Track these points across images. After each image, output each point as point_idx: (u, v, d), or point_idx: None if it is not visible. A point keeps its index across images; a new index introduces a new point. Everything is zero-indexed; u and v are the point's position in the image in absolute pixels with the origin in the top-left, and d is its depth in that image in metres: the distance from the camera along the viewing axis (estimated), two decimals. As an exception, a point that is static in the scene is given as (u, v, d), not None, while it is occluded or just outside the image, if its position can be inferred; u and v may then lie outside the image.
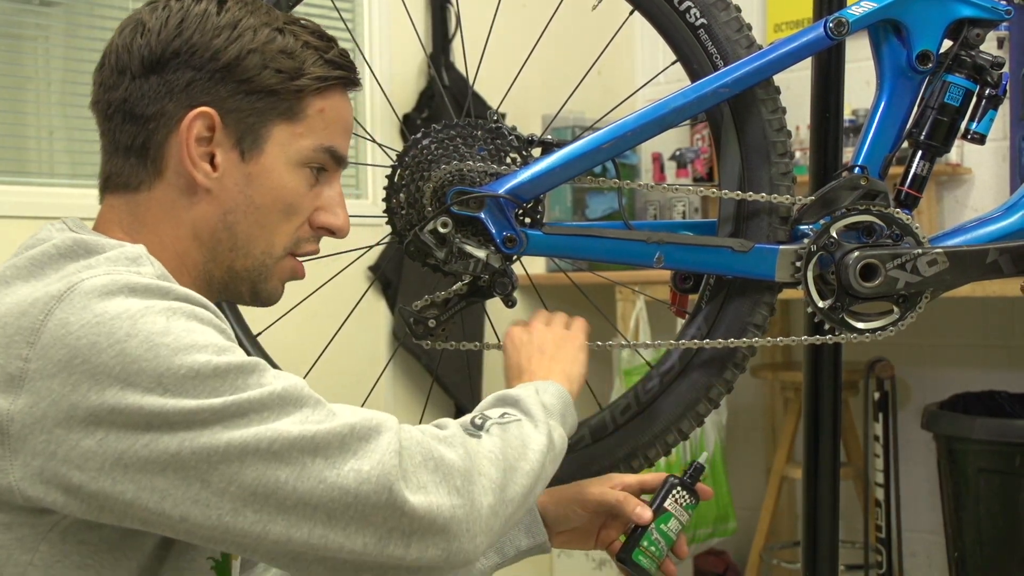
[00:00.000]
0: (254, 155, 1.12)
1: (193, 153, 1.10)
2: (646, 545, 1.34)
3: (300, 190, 1.15)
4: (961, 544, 2.71)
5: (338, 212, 1.18)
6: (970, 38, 1.39)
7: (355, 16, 3.13)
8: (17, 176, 2.57)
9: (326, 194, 1.18)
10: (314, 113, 1.14)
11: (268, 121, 1.12)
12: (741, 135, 1.42)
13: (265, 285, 1.17)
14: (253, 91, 1.11)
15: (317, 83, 1.13)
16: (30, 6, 2.63)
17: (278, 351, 1.52)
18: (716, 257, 1.40)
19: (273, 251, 1.16)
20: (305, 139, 1.14)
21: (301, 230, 1.17)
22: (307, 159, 1.15)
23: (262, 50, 1.11)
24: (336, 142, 1.17)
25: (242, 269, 1.15)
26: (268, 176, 1.13)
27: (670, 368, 1.46)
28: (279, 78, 1.11)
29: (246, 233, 1.14)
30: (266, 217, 1.14)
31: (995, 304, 3.14)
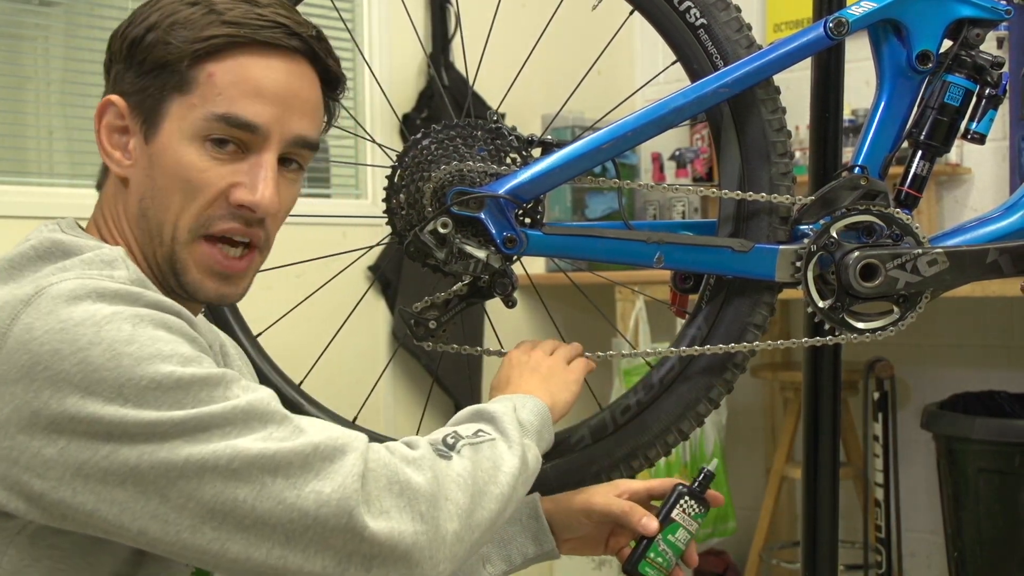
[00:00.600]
0: (153, 134, 1.07)
1: (104, 143, 1.09)
2: (652, 556, 1.32)
3: (199, 165, 1.06)
4: (961, 544, 2.71)
5: (256, 186, 1.07)
6: (970, 38, 1.39)
7: (355, 16, 3.13)
8: (16, 176, 2.57)
9: (242, 168, 1.08)
10: (204, 79, 1.06)
11: (164, 97, 1.07)
12: (741, 135, 1.41)
13: (185, 276, 1.10)
14: (149, 69, 1.06)
15: (199, 44, 1.05)
16: (30, 6, 2.63)
17: (278, 351, 1.52)
18: (716, 257, 1.40)
19: (179, 235, 1.08)
20: (197, 109, 1.06)
21: (212, 208, 1.08)
22: (201, 130, 1.06)
23: (162, 24, 1.06)
24: (235, 108, 1.06)
25: (162, 259, 1.09)
26: (164, 154, 1.07)
27: (670, 368, 1.46)
28: (167, 50, 1.05)
29: (156, 218, 1.08)
30: (168, 198, 1.07)
31: (995, 304, 3.14)
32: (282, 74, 1.09)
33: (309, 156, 1.16)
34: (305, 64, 1.12)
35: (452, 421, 1.16)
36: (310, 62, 1.13)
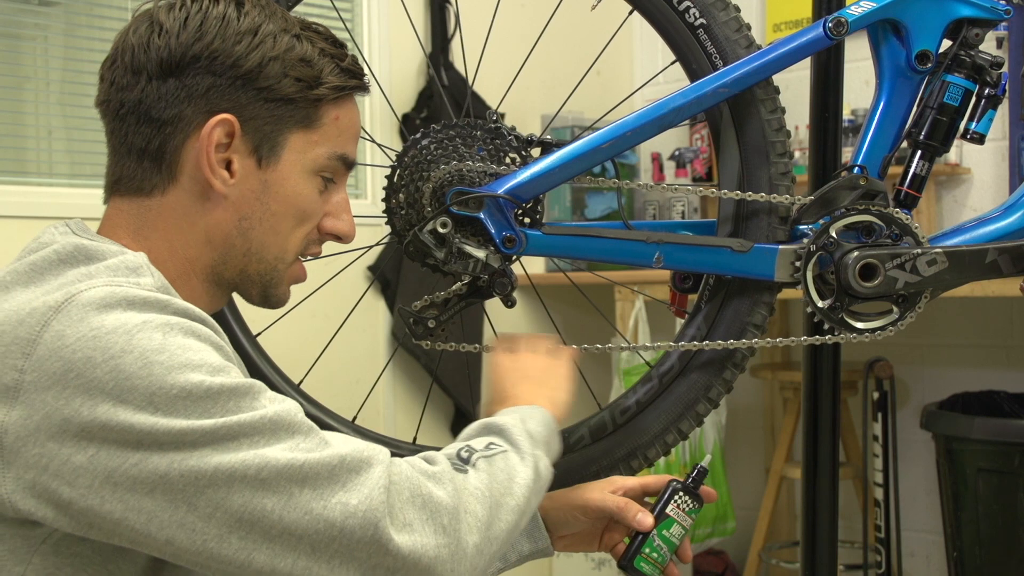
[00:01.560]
0: (271, 162, 1.13)
1: (212, 160, 1.10)
2: (648, 552, 1.33)
3: (313, 197, 1.16)
4: (960, 544, 2.71)
5: (344, 218, 1.20)
6: (969, 38, 1.39)
7: (354, 16, 3.13)
8: (16, 176, 2.57)
9: (334, 199, 1.19)
10: (330, 121, 1.15)
11: (285, 129, 1.13)
12: (740, 135, 1.42)
13: (276, 289, 1.18)
14: (272, 99, 1.11)
15: (334, 92, 1.14)
16: (29, 6, 2.63)
17: (278, 351, 1.52)
18: (715, 257, 1.40)
19: (286, 256, 1.17)
20: (320, 147, 1.15)
21: (311, 235, 1.18)
22: (321, 167, 1.15)
23: (283, 58, 1.11)
24: (348, 149, 1.18)
25: (255, 273, 1.16)
26: (284, 183, 1.13)
27: (669, 368, 1.46)
28: (298, 86, 1.12)
29: (260, 239, 1.14)
30: (280, 223, 1.15)
31: (994, 304, 3.14)
32: (360, 116, 1.22)
33: None
34: None
35: (462, 436, 1.18)
36: None
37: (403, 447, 1.49)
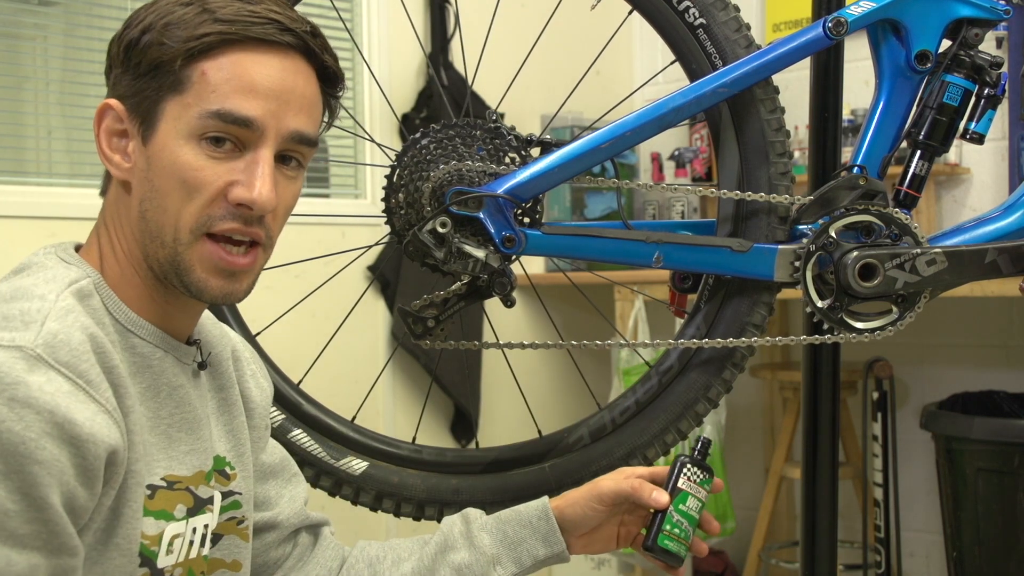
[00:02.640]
0: (150, 136, 1.07)
1: (104, 148, 1.08)
2: (669, 529, 1.32)
3: (195, 164, 1.05)
4: (959, 544, 2.71)
5: (253, 183, 1.06)
6: (969, 38, 1.39)
7: (354, 16, 3.13)
8: (16, 176, 2.57)
9: (239, 166, 1.07)
10: (197, 78, 1.05)
11: (160, 98, 1.06)
12: (740, 135, 1.42)
13: (189, 276, 1.07)
14: (144, 71, 1.06)
15: (192, 43, 1.04)
16: (28, 6, 2.63)
17: (278, 351, 1.52)
18: (715, 257, 1.40)
19: (180, 236, 1.06)
20: (192, 108, 1.05)
21: (212, 208, 1.06)
22: (196, 129, 1.05)
23: (156, 25, 1.06)
24: (228, 104, 1.05)
25: (163, 260, 1.07)
26: (161, 154, 1.06)
27: (669, 368, 1.46)
28: (161, 50, 1.05)
29: (156, 220, 1.07)
30: (166, 199, 1.06)
31: (994, 304, 3.14)
32: (276, 70, 1.08)
33: (309, 153, 1.14)
34: (300, 60, 1.10)
35: None
36: (306, 58, 1.11)
37: (402, 447, 1.49)
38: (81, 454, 0.95)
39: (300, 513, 1.36)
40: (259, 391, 1.30)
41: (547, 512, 1.34)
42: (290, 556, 1.37)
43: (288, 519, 1.35)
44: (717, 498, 3.13)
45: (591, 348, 1.45)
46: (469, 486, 1.46)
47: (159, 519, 1.08)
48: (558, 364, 3.48)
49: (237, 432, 1.24)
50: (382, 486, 1.46)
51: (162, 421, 1.10)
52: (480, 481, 1.46)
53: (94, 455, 0.96)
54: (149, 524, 1.07)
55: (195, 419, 1.15)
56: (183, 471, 1.12)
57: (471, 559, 1.32)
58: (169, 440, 1.11)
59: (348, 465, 1.45)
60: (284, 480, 1.36)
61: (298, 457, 1.44)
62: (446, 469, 1.47)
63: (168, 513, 1.09)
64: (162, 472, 1.09)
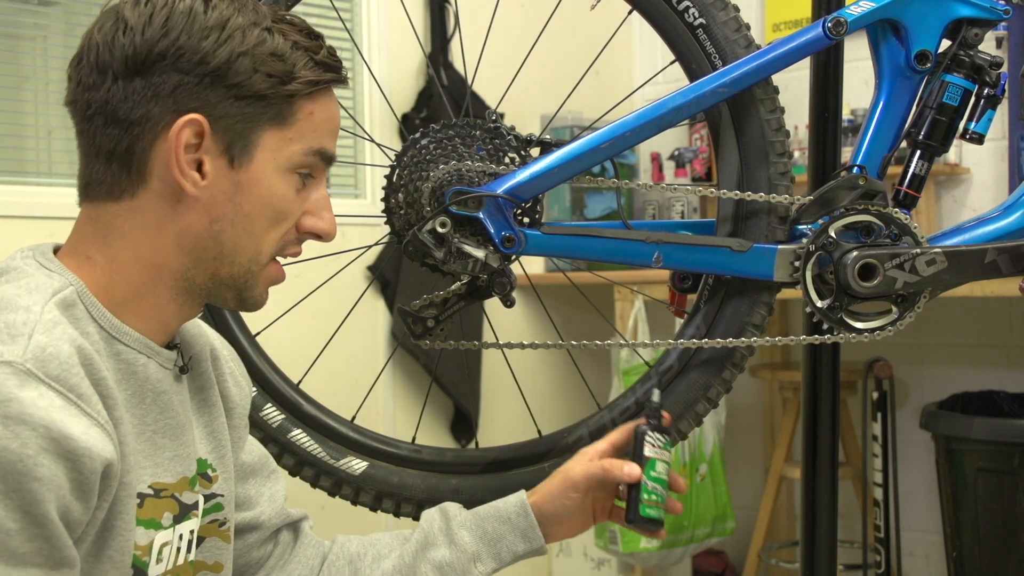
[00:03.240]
0: (244, 162, 1.08)
1: (182, 162, 1.05)
2: (647, 498, 1.35)
3: (289, 196, 1.11)
4: (959, 544, 2.71)
5: (325, 216, 1.15)
6: (968, 38, 1.39)
7: (353, 16, 3.13)
8: (15, 176, 2.57)
9: (313, 197, 1.14)
10: (304, 117, 1.10)
11: (258, 127, 1.08)
12: (740, 135, 1.42)
13: (251, 292, 1.13)
14: (243, 96, 1.06)
15: (308, 87, 1.09)
16: (28, 6, 2.63)
17: (277, 351, 1.52)
18: (715, 257, 1.40)
19: (260, 259, 1.11)
20: (295, 144, 1.10)
21: (288, 235, 1.13)
22: (297, 164, 1.11)
23: (252, 53, 1.06)
24: (325, 144, 1.13)
25: (227, 276, 1.11)
26: (258, 184, 1.09)
27: (669, 368, 1.46)
28: (269, 83, 1.07)
29: (233, 241, 1.09)
30: (254, 225, 1.10)
31: (993, 304, 3.14)
32: (339, 109, 1.16)
33: None
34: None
35: None
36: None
37: (402, 447, 1.49)
38: (77, 468, 0.95)
39: (281, 512, 1.36)
40: (238, 390, 1.29)
41: (525, 508, 1.36)
42: (272, 555, 1.37)
43: (270, 519, 1.35)
44: (717, 498, 3.13)
45: (591, 348, 1.45)
46: (469, 486, 1.46)
47: (148, 528, 1.08)
48: (558, 364, 3.48)
49: (218, 433, 1.23)
50: (382, 486, 1.46)
51: (147, 428, 1.09)
52: (480, 481, 1.46)
53: (90, 469, 0.96)
54: (140, 534, 1.06)
55: (178, 424, 1.13)
56: (168, 478, 1.11)
57: (452, 557, 1.34)
58: (154, 447, 1.10)
59: (348, 465, 1.45)
60: (263, 478, 1.36)
61: (298, 457, 1.44)
62: (446, 469, 1.47)
63: (156, 522, 1.09)
64: (149, 480, 1.08)
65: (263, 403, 1.44)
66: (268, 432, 1.44)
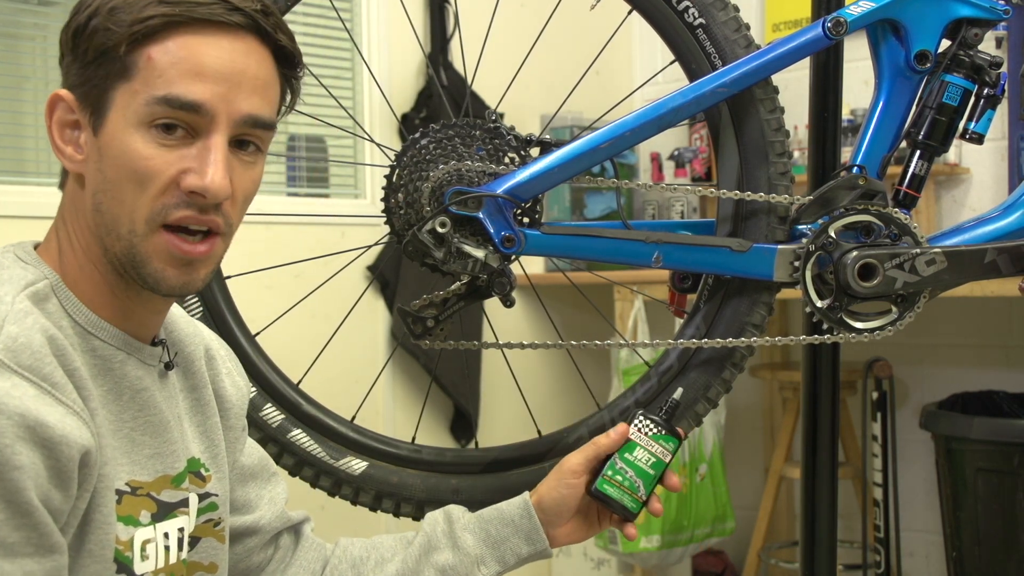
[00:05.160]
0: (100, 126, 1.03)
1: (55, 139, 1.05)
2: (610, 475, 1.34)
3: (145, 153, 1.01)
4: (959, 543, 2.71)
5: (205, 171, 1.02)
6: (968, 38, 1.39)
7: (353, 16, 3.13)
8: (15, 176, 2.57)
9: (191, 152, 1.03)
10: (143, 63, 1.01)
11: (108, 86, 1.02)
12: (739, 135, 1.42)
13: (146, 268, 1.04)
14: (92, 58, 1.02)
15: (136, 26, 1.01)
16: (28, 6, 2.63)
17: (277, 351, 1.52)
18: (714, 257, 1.40)
19: (136, 227, 1.03)
20: (139, 95, 1.01)
21: (165, 197, 1.03)
22: (144, 116, 1.01)
23: (101, 11, 1.02)
24: (173, 89, 1.01)
25: (121, 253, 1.04)
26: (111, 144, 1.02)
27: (668, 368, 1.46)
28: (107, 36, 1.01)
29: (111, 212, 1.03)
30: (120, 190, 1.02)
31: (993, 304, 3.14)
32: (225, 52, 1.04)
33: (267, 137, 1.10)
34: (253, 40, 1.06)
35: None
36: (259, 39, 1.07)
37: (402, 447, 1.49)
38: (55, 456, 0.94)
39: (281, 515, 1.36)
40: (235, 390, 1.28)
41: (529, 510, 1.35)
42: (272, 560, 1.36)
43: (270, 523, 1.34)
44: (717, 498, 3.13)
45: (591, 348, 1.45)
46: (469, 486, 1.46)
47: (128, 524, 1.07)
48: (558, 364, 3.48)
49: (211, 433, 1.22)
50: (381, 486, 1.46)
51: (124, 425, 1.08)
52: (480, 481, 1.46)
53: (67, 457, 0.95)
54: (120, 529, 1.05)
55: (161, 422, 1.12)
56: (145, 476, 1.10)
57: (455, 560, 1.33)
58: (132, 444, 1.09)
59: (347, 465, 1.45)
60: (263, 481, 1.35)
61: (297, 457, 1.44)
62: (446, 469, 1.47)
63: (135, 519, 1.08)
64: (126, 477, 1.07)
65: (263, 403, 1.44)
66: (268, 432, 1.43)
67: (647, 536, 3.00)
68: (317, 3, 2.76)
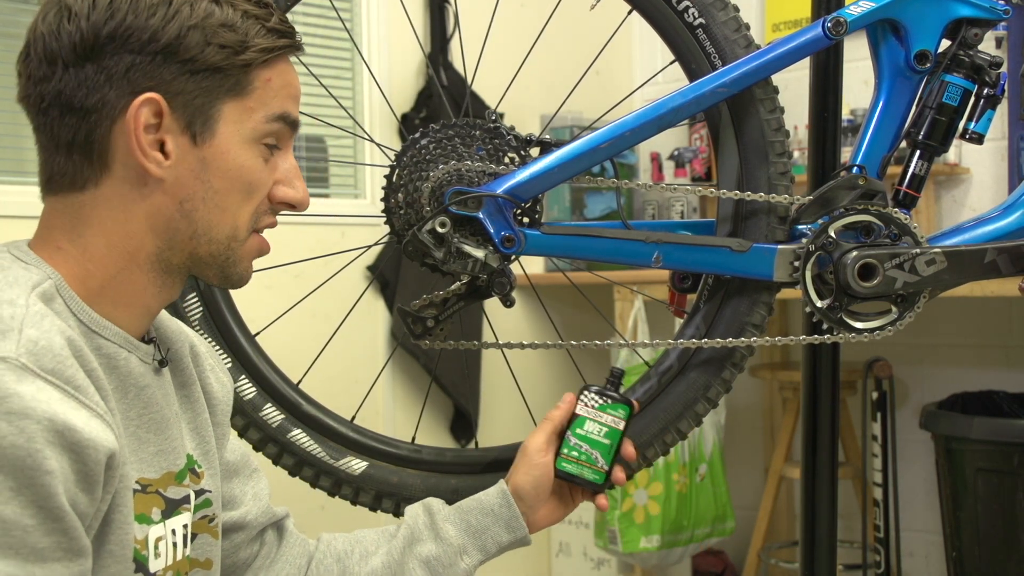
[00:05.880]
0: (206, 137, 1.06)
1: (143, 143, 1.04)
2: (566, 452, 1.37)
3: (257, 167, 1.09)
4: (959, 543, 2.71)
5: (296, 184, 1.13)
6: (968, 38, 1.39)
7: (353, 16, 3.13)
8: (16, 176, 2.57)
9: (283, 167, 1.13)
10: (262, 85, 1.08)
11: (217, 100, 1.06)
12: (739, 135, 1.42)
13: (235, 268, 1.12)
14: (198, 70, 1.05)
15: (263, 55, 1.07)
16: (28, 6, 2.63)
17: (277, 350, 1.52)
18: (714, 257, 1.40)
19: (238, 234, 1.10)
20: (257, 113, 1.08)
21: (261, 207, 1.12)
22: (261, 133, 1.09)
23: (202, 26, 1.04)
24: (287, 109, 1.11)
25: (206, 255, 1.10)
26: (224, 158, 1.07)
27: (668, 368, 1.46)
28: (223, 54, 1.05)
29: (206, 219, 1.08)
30: (226, 200, 1.08)
31: (993, 304, 3.14)
32: (296, 75, 1.14)
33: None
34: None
35: None
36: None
37: (402, 447, 1.49)
38: (82, 460, 0.94)
39: (267, 511, 1.37)
40: (219, 386, 1.29)
41: (507, 498, 1.37)
42: (258, 556, 1.37)
43: (256, 518, 1.35)
44: (717, 498, 3.13)
45: (591, 348, 1.45)
46: (469, 486, 1.46)
47: (142, 523, 1.07)
48: (558, 364, 3.48)
49: (202, 430, 1.23)
50: (381, 486, 1.46)
51: (131, 423, 1.09)
52: (480, 481, 1.46)
53: (95, 460, 0.95)
54: (136, 528, 1.06)
55: (162, 419, 1.13)
56: (152, 474, 1.10)
57: (439, 551, 1.35)
58: (138, 442, 1.09)
59: (347, 465, 1.45)
60: (246, 476, 1.36)
61: (297, 457, 1.44)
62: (445, 469, 1.47)
63: (147, 516, 1.08)
64: (136, 475, 1.08)
65: (263, 403, 1.44)
66: (268, 432, 1.43)
67: (647, 536, 3.00)
68: (317, 3, 2.76)
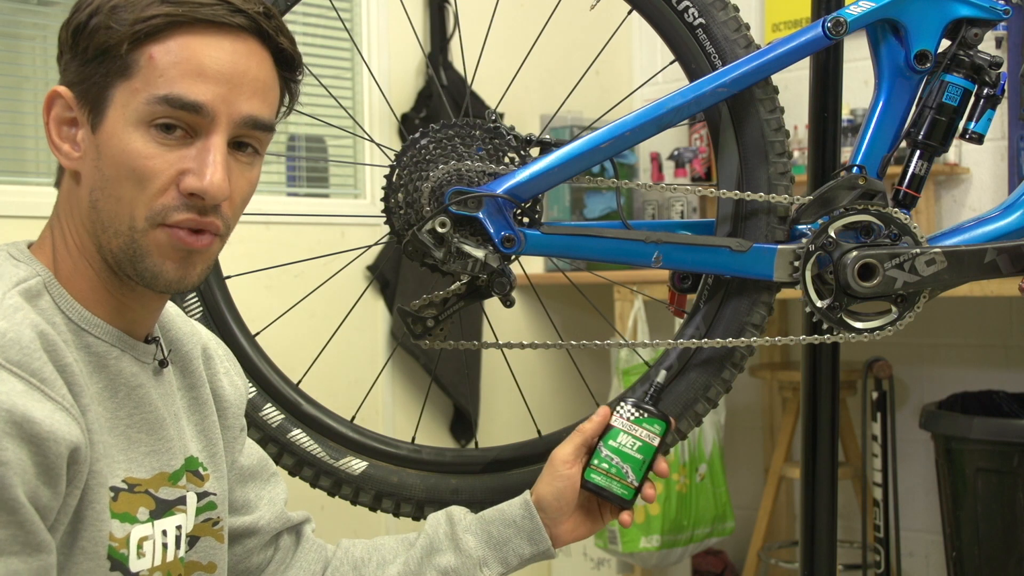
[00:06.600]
0: (99, 123, 1.03)
1: (53, 136, 1.05)
2: (596, 463, 1.35)
3: (145, 152, 1.02)
4: (959, 543, 2.71)
5: (204, 172, 1.02)
6: (968, 38, 1.39)
7: (353, 16, 3.13)
8: (16, 176, 2.57)
9: (191, 153, 1.03)
10: (145, 62, 1.02)
11: (108, 84, 1.03)
12: (739, 135, 1.42)
13: (145, 262, 1.04)
14: (92, 56, 1.02)
15: (138, 25, 1.01)
16: (28, 6, 2.63)
17: (277, 350, 1.52)
18: (714, 257, 1.40)
19: (136, 224, 1.03)
20: (140, 94, 1.02)
21: (164, 198, 1.03)
22: (144, 115, 1.02)
23: (103, 8, 1.02)
24: (177, 89, 1.01)
25: (117, 250, 1.04)
26: (110, 142, 1.02)
27: (668, 368, 1.46)
28: (107, 34, 1.01)
29: (108, 210, 1.04)
30: (119, 189, 1.03)
31: (993, 304, 3.14)
32: (227, 53, 1.04)
33: (265, 139, 1.10)
34: (254, 42, 1.07)
35: None
36: (260, 41, 1.08)
37: (402, 447, 1.49)
38: (42, 452, 0.94)
39: (281, 516, 1.36)
40: (233, 389, 1.28)
41: (530, 510, 1.35)
42: (272, 561, 1.36)
43: (269, 524, 1.34)
44: (716, 498, 3.13)
45: (590, 348, 1.45)
46: (468, 486, 1.46)
47: (124, 522, 1.07)
48: (558, 364, 3.48)
49: (208, 432, 1.22)
50: (381, 486, 1.46)
51: (120, 422, 1.08)
52: (479, 481, 1.46)
53: (55, 453, 0.95)
54: (115, 526, 1.05)
55: (157, 419, 1.12)
56: (142, 473, 1.10)
57: (457, 562, 1.33)
58: (128, 441, 1.09)
59: (347, 465, 1.45)
60: (262, 482, 1.35)
61: (297, 457, 1.44)
62: (445, 469, 1.47)
63: (131, 516, 1.08)
64: (123, 474, 1.07)
65: (263, 403, 1.44)
66: (268, 432, 1.43)
67: (647, 536, 3.00)
68: (317, 3, 2.76)
